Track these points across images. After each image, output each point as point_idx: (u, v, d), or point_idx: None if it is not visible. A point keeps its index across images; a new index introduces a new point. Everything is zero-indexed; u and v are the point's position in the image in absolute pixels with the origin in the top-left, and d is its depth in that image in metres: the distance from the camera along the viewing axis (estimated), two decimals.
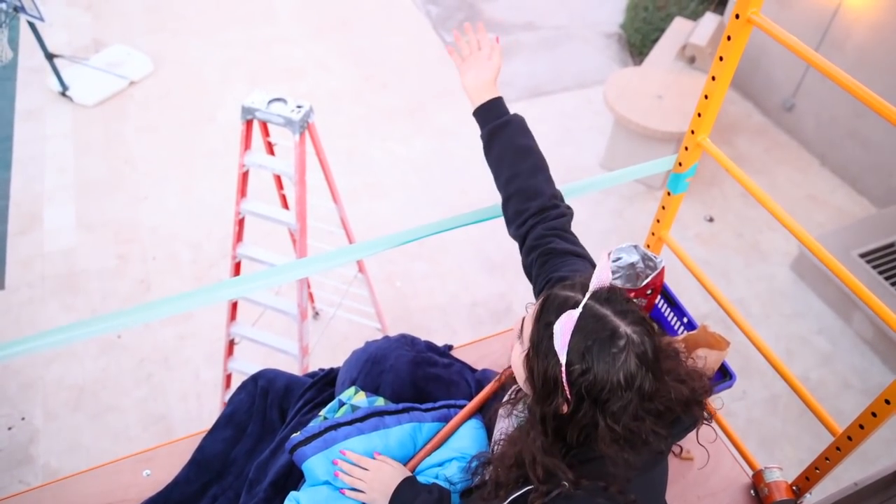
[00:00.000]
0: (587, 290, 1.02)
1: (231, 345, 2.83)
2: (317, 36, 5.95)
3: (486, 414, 1.43)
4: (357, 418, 1.37)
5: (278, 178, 2.82)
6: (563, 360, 0.96)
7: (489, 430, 1.40)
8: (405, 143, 5.04)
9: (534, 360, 1.02)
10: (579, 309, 0.98)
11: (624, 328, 0.98)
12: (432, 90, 5.52)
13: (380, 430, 1.36)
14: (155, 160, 4.75)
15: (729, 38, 1.38)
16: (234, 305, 2.76)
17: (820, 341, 4.13)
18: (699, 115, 1.52)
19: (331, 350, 3.62)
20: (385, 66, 5.71)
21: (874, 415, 1.30)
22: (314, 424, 1.38)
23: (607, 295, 1.03)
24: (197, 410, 3.43)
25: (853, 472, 1.49)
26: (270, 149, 2.57)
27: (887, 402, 1.27)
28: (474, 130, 5.45)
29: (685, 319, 1.69)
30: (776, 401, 3.78)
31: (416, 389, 1.48)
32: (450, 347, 1.75)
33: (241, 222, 2.53)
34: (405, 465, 1.35)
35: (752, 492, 1.61)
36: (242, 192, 2.47)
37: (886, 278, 4.14)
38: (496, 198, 5.15)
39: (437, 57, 5.86)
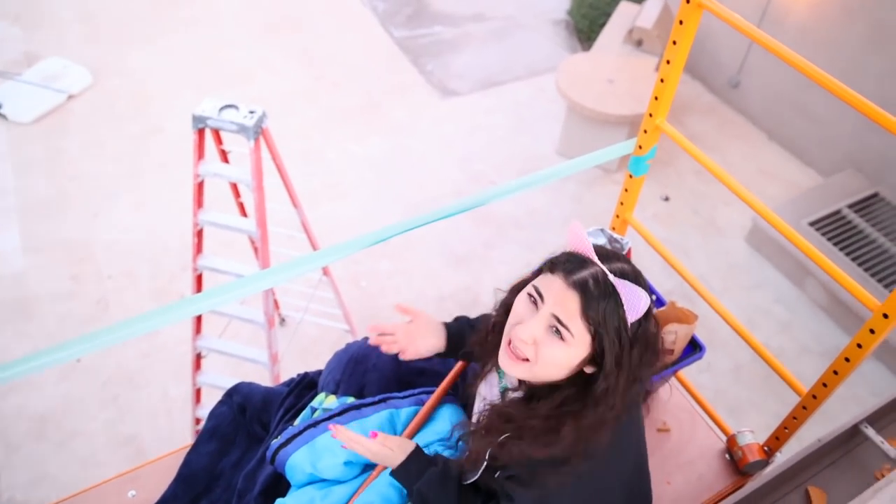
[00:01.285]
0: (585, 259, 1.07)
1: (198, 359, 2.78)
2: (263, 38, 5.86)
3: (461, 395, 1.44)
4: (334, 413, 1.38)
5: (234, 186, 2.78)
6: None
7: (467, 412, 1.43)
8: (361, 142, 5.00)
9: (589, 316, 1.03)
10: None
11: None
12: (384, 87, 5.49)
13: (358, 420, 1.37)
14: (103, 176, 4.62)
15: (681, 22, 1.40)
16: (199, 318, 2.71)
17: (778, 310, 4.24)
18: (656, 98, 1.54)
19: (300, 355, 3.59)
20: (335, 65, 5.66)
21: (836, 373, 1.36)
22: (292, 428, 1.38)
23: (606, 253, 1.11)
24: (168, 428, 3.36)
25: (815, 430, 1.56)
26: (225, 157, 2.53)
27: (847, 359, 1.33)
28: (428, 125, 5.48)
29: (653, 297, 1.72)
30: (740, 370, 3.88)
31: (402, 385, 1.48)
32: None
33: (199, 234, 2.48)
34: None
35: (727, 456, 1.66)
36: (199, 202, 2.42)
37: (835, 244, 4.27)
38: (456, 190, 5.17)
39: (387, 53, 5.83)
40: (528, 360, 1.08)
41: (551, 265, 1.09)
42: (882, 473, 1.52)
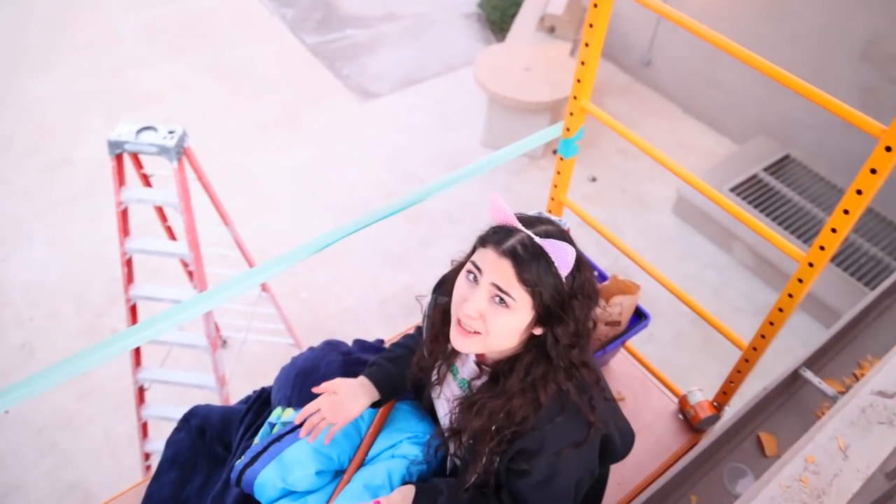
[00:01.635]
0: (511, 228, 1.10)
1: (141, 392, 2.67)
2: (170, 56, 5.68)
3: (420, 396, 1.43)
4: (296, 426, 1.35)
5: (160, 210, 2.68)
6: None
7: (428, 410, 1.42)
8: (284, 154, 4.92)
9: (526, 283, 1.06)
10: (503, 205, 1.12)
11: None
12: (302, 95, 5.41)
13: (322, 432, 1.34)
14: (11, 214, 4.38)
15: (596, 5, 1.42)
16: (138, 350, 2.61)
17: (709, 275, 4.38)
18: (578, 80, 1.56)
19: (248, 375, 3.50)
20: (249, 77, 5.54)
21: (771, 323, 1.42)
22: (255, 446, 1.34)
23: (529, 219, 1.14)
24: (115, 469, 3.22)
25: (755, 384, 1.63)
26: (147, 181, 2.44)
27: (780, 310, 1.39)
28: (351, 129, 5.42)
29: (596, 273, 1.75)
30: (680, 337, 3.99)
31: None
32: (381, 342, 1.73)
33: (129, 262, 2.38)
34: (355, 452, 1.34)
35: (680, 416, 1.71)
36: (125, 230, 2.33)
37: (756, 206, 4.45)
38: (386, 191, 5.13)
39: (302, 61, 5.75)
40: (479, 333, 1.11)
41: (482, 240, 1.13)
42: (822, 412, 1.58)
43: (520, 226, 1.11)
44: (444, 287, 1.30)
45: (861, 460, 1.07)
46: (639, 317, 1.65)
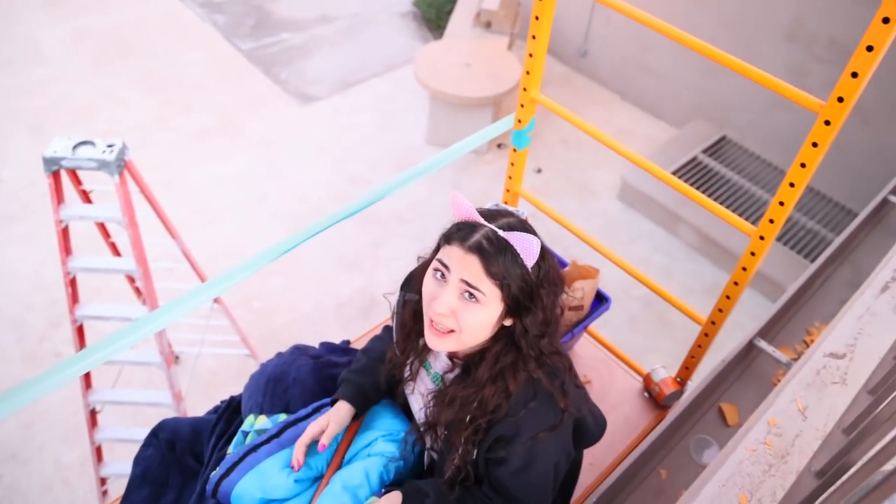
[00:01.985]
0: (474, 224, 1.11)
1: (93, 415, 2.59)
2: (100, 68, 5.51)
3: (394, 394, 1.43)
4: (272, 434, 1.33)
5: (102, 226, 2.60)
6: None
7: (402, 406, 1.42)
8: (225, 162, 4.82)
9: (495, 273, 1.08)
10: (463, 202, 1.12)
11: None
12: (239, 101, 5.32)
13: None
14: None
15: None
16: (87, 373, 2.52)
17: (658, 258, 4.48)
18: (528, 72, 1.58)
19: (204, 389, 3.42)
20: (184, 86, 5.41)
21: (728, 297, 1.47)
22: (231, 456, 1.31)
23: (491, 213, 1.15)
24: (68, 498, 3.10)
25: (711, 360, 1.68)
26: (86, 197, 2.36)
27: (735, 283, 1.44)
28: (293, 134, 5.35)
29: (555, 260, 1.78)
30: (634, 320, 4.07)
31: (326, 393, 1.44)
32: (348, 342, 1.72)
33: (73, 282, 2.30)
34: (332, 455, 1.32)
35: (645, 394, 1.74)
36: (66, 249, 2.24)
37: (698, 187, 4.57)
38: (334, 194, 5.07)
39: (237, 67, 5.65)
40: (452, 331, 1.11)
41: (447, 238, 1.13)
42: (778, 378, 1.64)
43: (482, 221, 1.11)
44: (412, 284, 1.30)
45: (819, 419, 1.11)
46: (600, 300, 1.68)
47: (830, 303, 1.76)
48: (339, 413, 1.33)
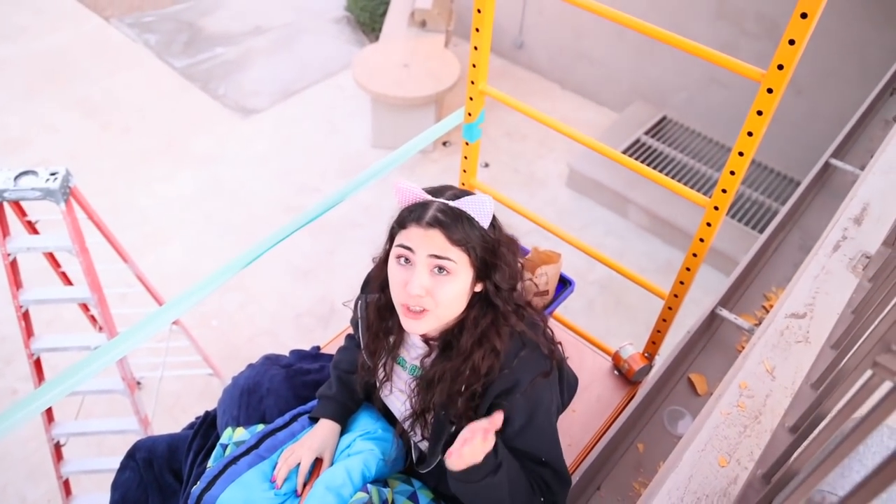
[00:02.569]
0: (424, 203, 1.13)
1: (58, 448, 2.50)
2: (28, 97, 5.33)
3: (370, 399, 1.42)
4: (251, 446, 1.31)
5: (51, 256, 2.52)
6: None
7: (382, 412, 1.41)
8: (170, 182, 4.72)
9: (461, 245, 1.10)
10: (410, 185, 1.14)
11: None
12: (179, 120, 5.21)
13: (278, 449, 1.32)
14: None
15: None
16: (49, 407, 2.44)
17: (610, 241, 4.56)
18: (474, 65, 1.59)
19: (169, 412, 3.35)
20: (120, 109, 5.28)
21: (688, 269, 1.51)
22: (211, 469, 1.29)
23: (433, 189, 1.17)
24: None
25: (672, 338, 1.73)
26: (32, 228, 2.28)
27: (694, 255, 1.47)
28: (237, 148, 5.28)
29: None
30: (592, 305, 4.13)
31: (301, 401, 1.43)
32: (318, 348, 1.70)
33: (26, 316, 2.22)
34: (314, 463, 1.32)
35: (615, 372, 1.78)
36: (16, 282, 2.17)
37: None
38: (283, 205, 5.02)
39: (174, 86, 5.53)
40: (427, 310, 1.12)
41: (400, 223, 1.14)
42: (741, 345, 1.69)
43: (430, 197, 1.14)
44: (370, 285, 1.30)
45: (787, 377, 1.15)
46: (564, 284, 1.71)
47: (784, 267, 1.81)
48: (325, 432, 1.33)
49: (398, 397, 1.29)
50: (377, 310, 1.26)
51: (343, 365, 1.41)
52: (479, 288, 1.17)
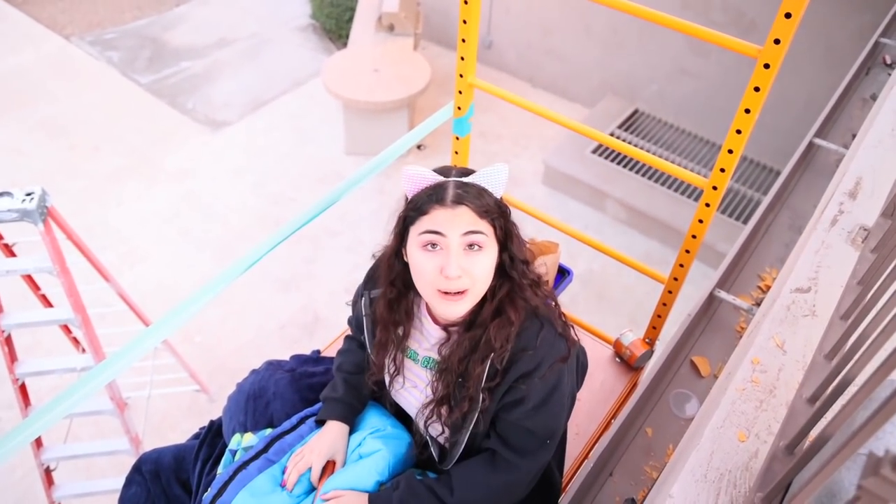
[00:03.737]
0: (439, 184, 1.12)
1: (48, 474, 2.44)
2: None
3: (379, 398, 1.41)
4: (261, 450, 1.29)
5: (29, 279, 2.46)
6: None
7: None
8: (143, 199, 4.65)
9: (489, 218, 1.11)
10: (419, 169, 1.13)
11: None
12: (149, 137, 5.14)
13: (287, 453, 1.29)
14: None
15: None
16: None
17: (589, 236, 4.57)
18: (462, 58, 1.58)
19: (157, 430, 3.28)
20: (88, 128, 5.18)
21: (687, 251, 1.51)
22: (221, 475, 1.27)
23: (441, 170, 1.15)
24: None
25: (667, 328, 1.75)
26: (9, 251, 2.22)
27: (694, 236, 1.48)
28: (210, 162, 5.20)
29: None
30: (575, 300, 4.14)
31: (307, 404, 1.41)
32: (318, 352, 1.68)
33: (8, 340, 2.16)
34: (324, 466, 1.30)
35: (617, 359, 1.78)
36: None
37: (618, 163, 4.70)
38: (260, 217, 4.95)
39: (140, 102, 5.45)
40: (466, 290, 1.10)
41: (419, 210, 1.11)
42: (741, 326, 1.70)
43: (443, 178, 1.13)
44: (375, 281, 1.28)
45: (798, 350, 1.16)
46: (562, 274, 1.71)
47: (776, 247, 1.84)
48: (333, 434, 1.31)
49: (411, 392, 1.27)
50: (387, 303, 1.23)
51: (346, 366, 1.39)
52: (498, 259, 1.17)
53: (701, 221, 1.41)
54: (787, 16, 1.02)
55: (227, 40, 6.14)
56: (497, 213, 1.12)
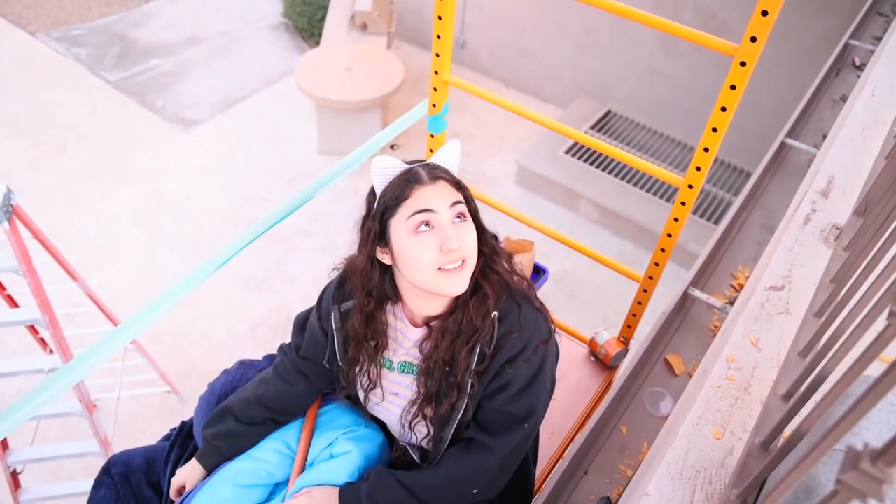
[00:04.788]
0: (409, 168, 1.15)
1: (15, 477, 2.38)
2: None
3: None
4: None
5: None
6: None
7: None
8: (112, 199, 4.56)
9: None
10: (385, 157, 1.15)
11: None
12: (117, 135, 5.04)
13: (251, 454, 1.28)
14: None
15: None
16: None
17: (562, 236, 4.59)
18: (437, 55, 1.57)
19: (128, 432, 3.22)
20: (54, 126, 5.07)
21: (663, 250, 1.52)
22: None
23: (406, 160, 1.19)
24: None
25: (644, 329, 1.75)
26: None
27: (669, 235, 1.48)
28: (179, 161, 5.11)
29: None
30: (547, 300, 4.10)
31: None
32: None
33: None
34: (291, 462, 1.28)
35: (592, 358, 1.78)
36: None
37: (591, 164, 4.73)
38: (231, 217, 4.88)
39: (109, 100, 5.35)
40: (465, 259, 1.10)
41: (399, 196, 1.10)
42: (714, 325, 1.72)
43: (408, 163, 1.16)
44: (345, 290, 1.23)
45: (772, 349, 1.17)
46: (538, 273, 1.71)
47: (749, 246, 1.86)
48: (195, 472, 1.33)
49: (391, 401, 1.25)
50: (364, 316, 1.19)
51: (268, 402, 1.32)
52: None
53: (676, 220, 1.41)
54: (764, 13, 1.03)
55: (197, 38, 6.05)
56: (462, 184, 1.17)
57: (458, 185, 1.14)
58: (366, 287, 1.17)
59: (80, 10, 6.28)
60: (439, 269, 1.08)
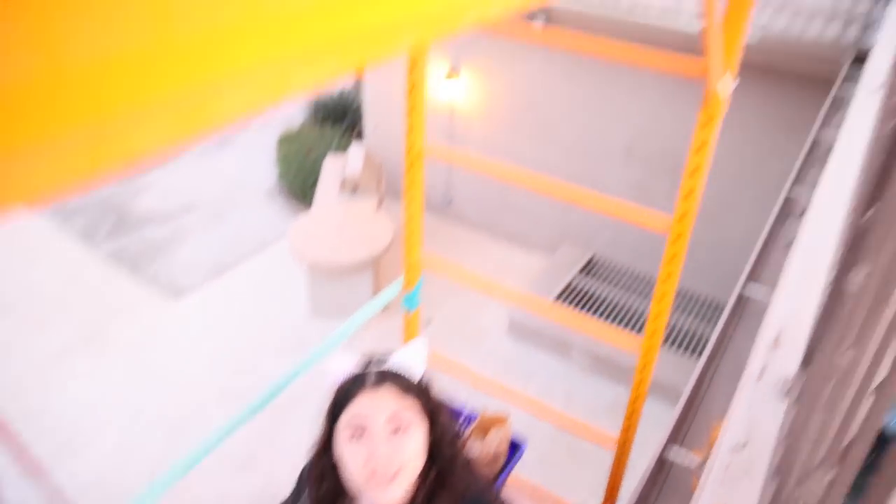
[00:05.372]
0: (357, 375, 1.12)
1: None
2: None
3: None
4: None
5: None
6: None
7: None
8: (92, 378, 4.46)
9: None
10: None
11: None
12: (103, 307, 5.04)
13: None
14: None
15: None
16: None
17: (557, 385, 4.50)
18: (409, 232, 1.61)
19: None
20: (34, 303, 5.04)
21: (632, 413, 1.46)
22: None
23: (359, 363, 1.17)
24: None
25: (633, 476, 1.67)
26: None
27: (636, 398, 1.44)
28: (167, 332, 5.08)
29: (463, 417, 1.77)
30: (545, 458, 3.90)
31: None
32: None
33: None
34: None
35: None
36: None
37: (581, 307, 4.74)
38: (220, 389, 4.79)
39: (98, 272, 5.41)
40: (399, 469, 1.06)
41: (345, 399, 1.09)
42: (696, 483, 1.64)
43: (359, 369, 1.13)
44: (308, 482, 1.20)
45: None
46: (514, 448, 1.67)
47: (722, 397, 1.81)
48: None
49: None
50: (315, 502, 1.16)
51: None
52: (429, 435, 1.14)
53: (644, 369, 1.39)
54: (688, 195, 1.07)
55: (192, 205, 6.26)
56: (422, 391, 1.12)
57: (408, 388, 1.10)
58: (320, 473, 1.15)
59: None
60: (367, 478, 1.06)
